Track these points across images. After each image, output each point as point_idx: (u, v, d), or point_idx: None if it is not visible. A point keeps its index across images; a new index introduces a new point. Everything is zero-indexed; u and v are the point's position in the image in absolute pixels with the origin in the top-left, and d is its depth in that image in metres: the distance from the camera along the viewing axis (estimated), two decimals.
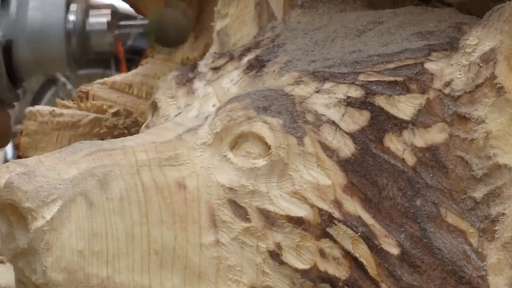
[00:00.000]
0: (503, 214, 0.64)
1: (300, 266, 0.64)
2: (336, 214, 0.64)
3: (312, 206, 0.64)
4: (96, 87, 1.16)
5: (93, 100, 1.19)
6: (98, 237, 0.62)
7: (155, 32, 0.87)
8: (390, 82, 0.67)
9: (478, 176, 0.64)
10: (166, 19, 0.87)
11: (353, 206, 0.64)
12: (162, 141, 0.66)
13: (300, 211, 0.64)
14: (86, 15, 0.87)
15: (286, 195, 0.64)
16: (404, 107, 0.66)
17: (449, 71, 0.66)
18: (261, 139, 0.65)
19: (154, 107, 0.75)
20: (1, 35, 0.84)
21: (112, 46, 0.87)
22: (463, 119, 0.65)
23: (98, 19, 0.87)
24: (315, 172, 0.64)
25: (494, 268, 0.64)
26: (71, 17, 0.86)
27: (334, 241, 0.64)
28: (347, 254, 0.64)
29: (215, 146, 0.66)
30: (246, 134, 0.65)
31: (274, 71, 0.70)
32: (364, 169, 0.64)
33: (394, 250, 0.63)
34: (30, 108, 1.12)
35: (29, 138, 1.13)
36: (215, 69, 0.74)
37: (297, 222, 0.64)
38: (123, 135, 1.17)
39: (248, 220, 0.64)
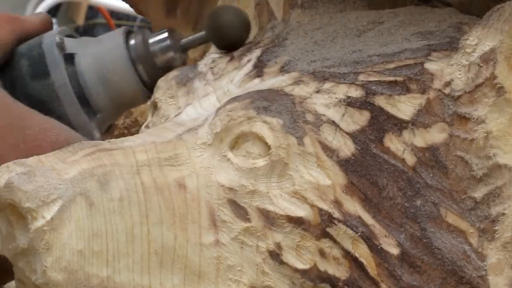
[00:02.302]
0: (503, 214, 0.64)
1: (300, 266, 0.64)
2: (336, 214, 0.64)
3: (312, 206, 0.64)
4: None
5: None
6: (98, 237, 0.62)
7: (211, 32, 0.80)
8: (390, 82, 0.67)
9: (478, 176, 0.64)
10: (225, 19, 0.80)
11: (353, 206, 0.64)
12: (162, 141, 0.66)
13: (300, 211, 0.64)
14: (145, 38, 0.82)
15: (286, 195, 0.64)
16: (404, 107, 0.66)
17: (449, 71, 0.66)
18: (261, 139, 0.65)
19: (154, 107, 0.75)
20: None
21: (177, 61, 0.82)
22: (463, 119, 0.65)
23: (157, 37, 0.82)
24: (315, 172, 0.64)
25: (494, 268, 0.64)
26: (131, 42, 0.81)
27: (334, 241, 0.64)
28: (347, 254, 0.64)
29: (215, 146, 0.66)
30: (246, 134, 0.65)
31: (274, 71, 0.70)
32: (364, 169, 0.64)
33: (394, 250, 0.63)
34: None
35: None
36: (215, 69, 0.74)
37: (297, 222, 0.64)
38: (123, 135, 1.17)
39: (248, 220, 0.64)
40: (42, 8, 2.97)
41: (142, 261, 0.63)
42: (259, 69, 0.71)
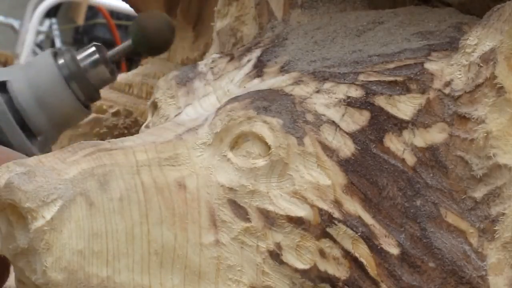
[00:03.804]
0: (503, 214, 0.64)
1: (300, 266, 0.64)
2: (336, 214, 0.64)
3: (312, 206, 0.64)
4: None
5: None
6: (98, 237, 0.62)
7: (137, 39, 0.83)
8: (390, 82, 0.67)
9: (478, 176, 0.64)
10: (149, 25, 0.83)
11: (353, 206, 0.64)
12: (162, 141, 0.66)
13: (300, 211, 0.64)
14: (73, 55, 0.83)
15: (286, 195, 0.64)
16: (404, 107, 0.66)
17: (449, 71, 0.66)
18: (261, 139, 0.65)
19: (154, 107, 0.75)
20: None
21: (112, 75, 0.83)
22: (463, 119, 0.65)
23: (85, 53, 0.83)
24: (315, 172, 0.64)
25: (494, 268, 0.64)
26: (61, 62, 0.82)
27: (334, 241, 0.64)
28: (347, 254, 0.64)
29: (215, 146, 0.66)
30: (246, 134, 0.65)
31: (274, 71, 0.70)
32: (364, 169, 0.64)
33: (394, 250, 0.63)
34: None
35: None
36: (215, 69, 0.74)
37: (297, 222, 0.64)
38: (123, 135, 1.17)
39: (248, 220, 0.64)
40: (42, 8, 2.97)
41: (142, 261, 0.63)
42: (259, 69, 0.71)
